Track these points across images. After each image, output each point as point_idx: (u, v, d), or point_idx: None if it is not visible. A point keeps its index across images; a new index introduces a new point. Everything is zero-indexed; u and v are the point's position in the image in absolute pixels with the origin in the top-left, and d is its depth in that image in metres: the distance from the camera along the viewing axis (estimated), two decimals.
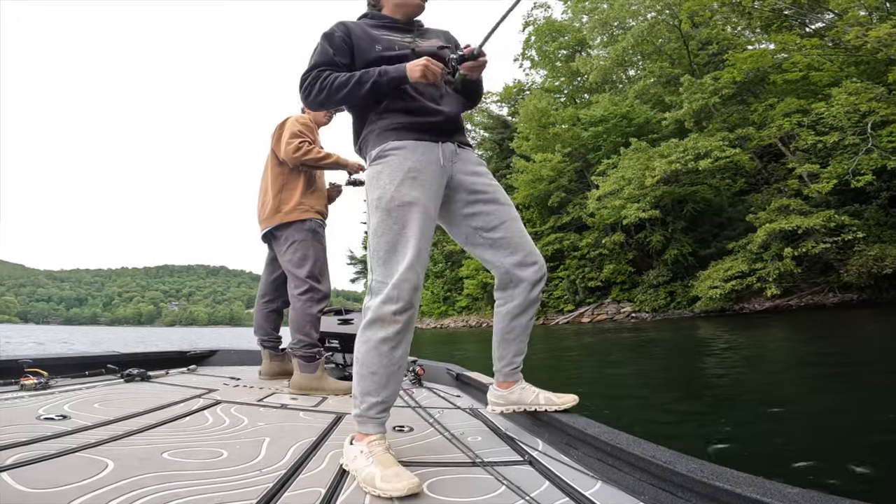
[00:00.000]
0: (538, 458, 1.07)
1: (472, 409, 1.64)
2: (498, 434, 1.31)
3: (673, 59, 20.08)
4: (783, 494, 0.64)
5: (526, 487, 0.87)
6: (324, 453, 1.06)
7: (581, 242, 22.69)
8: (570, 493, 0.86)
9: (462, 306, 30.96)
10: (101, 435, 1.05)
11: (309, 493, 0.82)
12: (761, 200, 15.36)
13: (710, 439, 2.28)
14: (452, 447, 1.16)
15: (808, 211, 13.31)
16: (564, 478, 0.95)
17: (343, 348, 2.67)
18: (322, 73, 1.16)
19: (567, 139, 23.17)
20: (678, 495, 0.79)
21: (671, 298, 18.17)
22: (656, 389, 4.07)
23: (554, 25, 31.08)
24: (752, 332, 8.84)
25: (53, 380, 1.62)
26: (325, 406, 1.65)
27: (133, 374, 1.84)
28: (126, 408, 1.34)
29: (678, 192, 17.61)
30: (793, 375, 4.44)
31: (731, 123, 15.96)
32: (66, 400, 1.36)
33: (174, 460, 0.93)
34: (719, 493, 0.71)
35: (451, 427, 1.34)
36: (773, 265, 13.40)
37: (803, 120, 14.06)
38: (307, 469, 0.94)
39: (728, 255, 15.45)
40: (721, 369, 4.82)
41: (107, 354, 2.09)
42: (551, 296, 23.64)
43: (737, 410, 3.02)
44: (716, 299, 14.53)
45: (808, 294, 14.51)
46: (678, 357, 6.63)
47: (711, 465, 0.80)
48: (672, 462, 0.83)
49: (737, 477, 0.73)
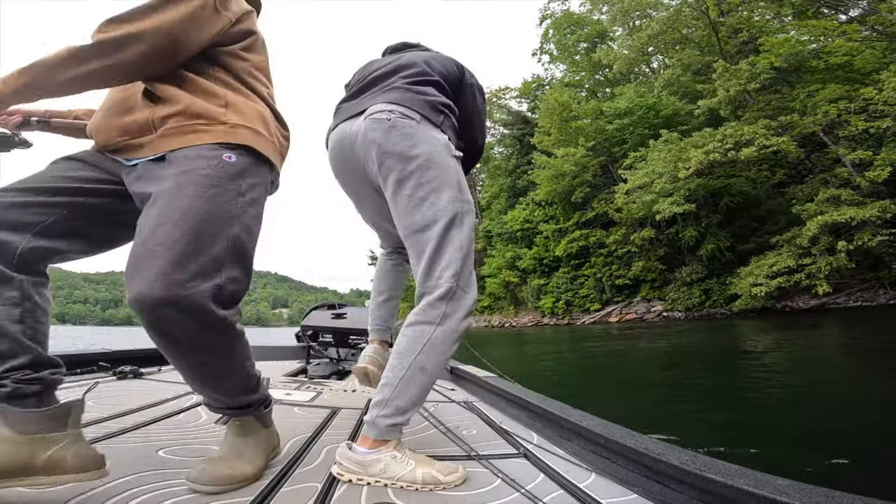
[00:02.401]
0: (533, 451, 1.08)
1: (466, 402, 1.63)
2: (493, 427, 1.31)
3: (702, 48, 19.24)
4: (774, 486, 0.64)
5: (521, 480, 0.88)
6: (319, 448, 1.05)
7: (608, 239, 22.04)
8: (565, 486, 0.87)
9: (483, 306, 30.63)
10: (96, 432, 1.03)
11: (305, 488, 0.81)
12: (806, 192, 14.47)
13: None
14: (448, 441, 1.16)
15: (860, 201, 12.42)
16: (559, 470, 0.95)
17: (337, 342, 2.66)
18: None
19: (590, 133, 22.52)
20: (671, 487, 0.79)
21: (706, 296, 17.36)
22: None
23: (572, 18, 30.38)
24: (823, 333, 8.13)
25: None
26: (321, 401, 1.63)
27: (125, 371, 1.81)
28: (119, 405, 1.31)
29: (713, 184, 16.79)
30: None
31: (769, 111, 15.11)
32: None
33: (170, 458, 0.92)
34: (711, 485, 0.71)
35: (446, 421, 1.34)
36: (824, 260, 12.55)
37: (850, 106, 13.23)
38: (303, 464, 0.93)
39: (770, 249, 14.58)
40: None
41: (98, 352, 2.05)
42: (576, 294, 23.06)
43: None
44: (758, 297, 13.72)
45: (858, 291, 13.59)
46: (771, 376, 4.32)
47: (703, 457, 0.79)
48: (665, 454, 0.82)
49: (728, 469, 0.73)
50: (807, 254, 13.10)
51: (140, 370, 1.89)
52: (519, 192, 29.81)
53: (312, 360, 2.67)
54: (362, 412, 1.44)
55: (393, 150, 1.02)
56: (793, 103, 14.87)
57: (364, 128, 1.07)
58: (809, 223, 12.46)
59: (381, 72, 1.21)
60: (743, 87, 14.45)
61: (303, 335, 2.73)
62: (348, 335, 2.65)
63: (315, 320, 2.73)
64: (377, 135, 1.04)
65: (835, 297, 13.50)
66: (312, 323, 2.71)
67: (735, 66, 14.88)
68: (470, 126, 1.32)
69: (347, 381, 2.07)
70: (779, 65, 14.66)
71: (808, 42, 15.38)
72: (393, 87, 1.14)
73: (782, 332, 8.47)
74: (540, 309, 24.72)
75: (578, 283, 23.24)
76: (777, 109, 15.09)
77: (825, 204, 12.67)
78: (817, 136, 14.85)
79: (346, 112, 1.17)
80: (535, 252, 26.03)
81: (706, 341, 8.77)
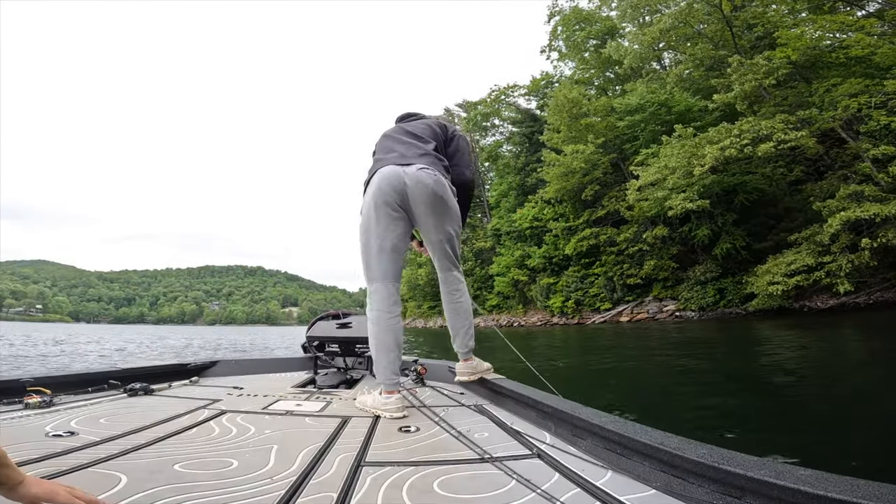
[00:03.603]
0: (546, 451, 1.07)
1: (476, 405, 1.63)
2: (504, 429, 1.30)
3: (715, 43, 18.88)
4: (796, 476, 0.63)
5: (536, 481, 0.87)
6: (332, 457, 1.05)
7: (619, 237, 21.77)
8: (581, 484, 0.86)
9: (492, 305, 30.50)
10: (111, 449, 1.04)
11: (321, 497, 0.81)
12: (825, 188, 14.11)
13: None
14: (460, 444, 1.16)
15: (883, 197, 12.07)
16: (574, 469, 0.94)
17: (343, 352, 2.67)
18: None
19: (601, 129, 22.25)
20: (689, 481, 0.78)
21: (721, 296, 17.05)
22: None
23: (581, 14, 30.05)
24: (847, 334, 7.89)
25: (57, 397, 1.61)
26: (330, 410, 1.66)
27: (136, 388, 1.83)
28: (132, 422, 1.33)
29: (728, 181, 16.45)
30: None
31: (786, 107, 14.76)
32: (71, 416, 1.36)
33: (186, 472, 0.92)
34: (731, 477, 0.70)
35: (457, 425, 1.34)
36: (845, 258, 12.23)
37: (870, 101, 12.87)
38: (317, 474, 0.93)
39: (788, 247, 14.23)
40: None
41: (108, 370, 2.07)
42: (586, 294, 22.84)
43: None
44: (775, 296, 13.42)
45: (878, 290, 13.23)
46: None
47: (721, 449, 0.78)
48: (682, 448, 0.82)
49: (748, 461, 0.71)
50: (827, 252, 12.76)
51: (150, 387, 1.89)
52: (528, 190, 29.59)
53: (320, 370, 2.67)
54: (372, 420, 1.46)
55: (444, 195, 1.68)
56: (811, 98, 14.52)
57: (415, 175, 1.63)
58: (831, 220, 12.13)
59: (410, 139, 1.81)
60: (759, 82, 14.10)
61: (309, 346, 2.73)
62: (354, 344, 2.67)
63: (320, 331, 2.74)
64: (430, 182, 1.63)
65: (854, 296, 13.17)
66: (317, 334, 2.72)
67: (750, 61, 14.55)
68: (458, 164, 1.87)
69: (356, 389, 2.08)
70: (796, 58, 14.32)
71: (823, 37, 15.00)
72: (425, 153, 1.73)
73: (814, 332, 8.22)
74: (549, 308, 24.52)
75: (588, 282, 23.00)
76: (794, 105, 14.75)
77: (847, 200, 12.33)
78: (835, 132, 14.49)
79: (394, 160, 1.69)
80: (544, 251, 25.82)
81: (739, 343, 8.50)
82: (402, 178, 1.61)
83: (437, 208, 1.64)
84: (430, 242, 1.75)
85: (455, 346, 1.86)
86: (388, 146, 1.77)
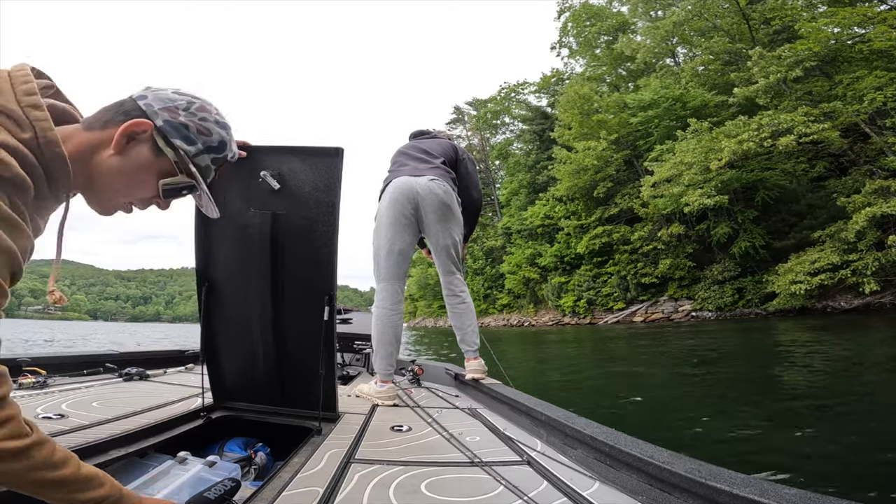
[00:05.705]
0: (536, 459, 1.06)
1: (470, 409, 1.63)
2: (496, 434, 1.30)
3: (732, 36, 18.40)
4: (780, 495, 0.63)
5: (524, 487, 0.87)
6: (322, 453, 1.04)
7: (633, 235, 21.40)
8: (569, 494, 0.85)
9: (503, 304, 30.30)
10: (100, 434, 1.02)
11: (307, 492, 0.81)
12: (849, 184, 13.63)
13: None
14: (451, 447, 1.16)
15: None
16: (563, 478, 0.94)
17: (342, 348, 2.66)
18: None
19: (613, 126, 21.87)
20: (676, 496, 0.78)
21: (739, 296, 16.61)
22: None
23: (591, 9, 29.66)
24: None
25: (52, 378, 1.60)
26: None
27: (131, 373, 1.83)
28: (125, 406, 1.31)
29: (746, 177, 15.99)
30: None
31: (808, 101, 14.28)
32: (63, 399, 1.36)
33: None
34: (717, 494, 0.70)
35: (449, 427, 1.34)
36: (871, 255, 11.79)
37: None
38: (306, 468, 0.93)
39: (811, 246, 13.78)
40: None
41: (105, 353, 2.08)
42: (599, 293, 22.50)
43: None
44: (798, 296, 12.99)
45: None
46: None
47: (709, 465, 0.78)
48: (670, 462, 0.81)
49: (734, 478, 0.72)
50: (853, 249, 12.31)
51: (146, 372, 1.89)
52: (539, 187, 29.28)
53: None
54: (365, 418, 1.45)
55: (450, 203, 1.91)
56: (835, 90, 14.03)
57: (426, 185, 1.86)
58: (856, 216, 11.69)
59: (421, 154, 2.03)
60: (784, 74, 13.62)
61: None
62: (353, 340, 2.69)
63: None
64: (439, 192, 1.87)
65: (879, 296, 12.69)
66: None
67: (773, 53, 14.10)
68: (466, 185, 2.07)
69: (351, 386, 2.08)
70: (818, 50, 13.84)
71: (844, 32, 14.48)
72: (435, 167, 1.96)
73: (859, 335, 7.78)
74: (560, 308, 24.23)
75: (601, 282, 22.66)
76: (817, 98, 14.27)
77: (873, 195, 11.88)
78: (859, 127, 13.99)
79: (407, 172, 1.92)
80: (555, 249, 25.51)
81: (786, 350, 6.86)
82: (415, 187, 1.83)
83: (444, 215, 1.87)
84: (436, 247, 1.94)
85: (462, 345, 2.01)
86: (401, 160, 2.02)
